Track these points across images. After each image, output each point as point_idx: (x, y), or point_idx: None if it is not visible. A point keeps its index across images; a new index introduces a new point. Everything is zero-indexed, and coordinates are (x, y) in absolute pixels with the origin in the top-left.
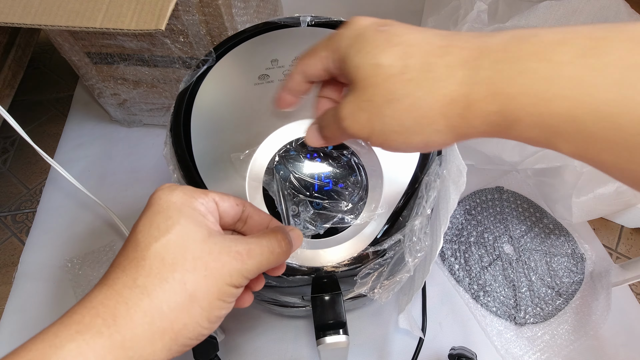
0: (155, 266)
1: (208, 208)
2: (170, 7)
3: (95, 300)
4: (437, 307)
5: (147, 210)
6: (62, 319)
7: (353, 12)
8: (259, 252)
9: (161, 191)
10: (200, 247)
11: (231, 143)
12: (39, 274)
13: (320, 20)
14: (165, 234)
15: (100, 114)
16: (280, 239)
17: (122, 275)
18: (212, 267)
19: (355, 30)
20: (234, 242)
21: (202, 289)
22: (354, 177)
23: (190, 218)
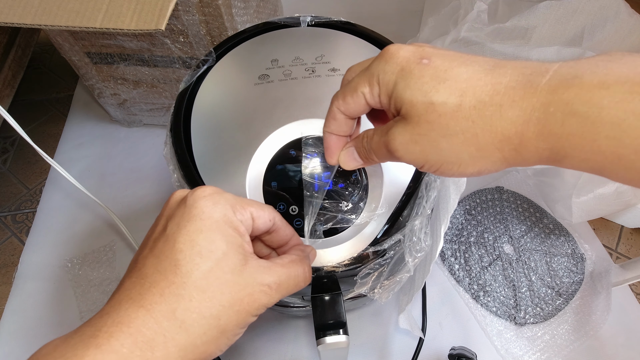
0: (195, 299)
1: (246, 226)
2: (170, 7)
3: (133, 324)
4: (437, 307)
5: (187, 222)
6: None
7: (353, 12)
8: (286, 286)
9: (204, 201)
10: (237, 280)
11: (231, 143)
12: (39, 274)
13: (320, 20)
14: (207, 261)
15: (100, 114)
16: (306, 270)
17: (161, 301)
18: (245, 303)
19: (397, 65)
20: (266, 273)
21: (232, 323)
22: (354, 177)
23: (231, 243)
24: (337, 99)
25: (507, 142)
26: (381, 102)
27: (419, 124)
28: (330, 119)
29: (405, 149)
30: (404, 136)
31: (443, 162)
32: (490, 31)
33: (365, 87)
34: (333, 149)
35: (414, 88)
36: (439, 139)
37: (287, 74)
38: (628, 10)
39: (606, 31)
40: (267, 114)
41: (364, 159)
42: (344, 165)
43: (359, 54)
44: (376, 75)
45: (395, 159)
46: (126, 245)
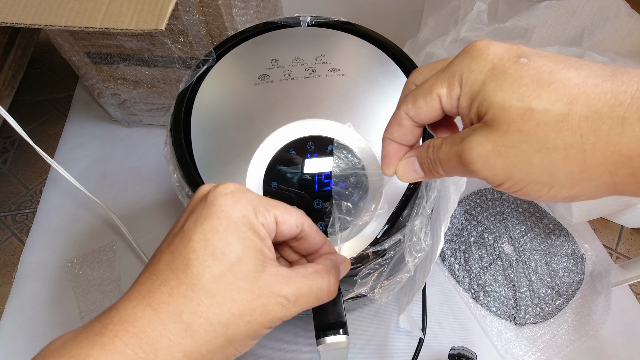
0: (203, 303)
1: (268, 229)
2: (170, 7)
3: (138, 324)
4: (437, 307)
5: (204, 219)
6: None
7: (353, 12)
8: (306, 299)
9: (223, 199)
10: (250, 287)
11: (231, 143)
12: (39, 274)
13: (320, 20)
14: (219, 264)
15: (100, 114)
16: (332, 283)
17: (169, 301)
18: (257, 314)
19: (487, 62)
20: (284, 283)
21: (241, 334)
22: (354, 177)
23: (248, 247)
24: (405, 103)
25: (624, 165)
26: (459, 107)
27: (508, 133)
28: (394, 125)
29: (485, 162)
30: (485, 146)
31: (530, 181)
32: (490, 31)
33: (442, 88)
34: (392, 158)
35: (508, 90)
36: (531, 152)
37: (287, 74)
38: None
39: (606, 31)
40: (267, 114)
41: (426, 171)
42: (402, 177)
43: (359, 54)
44: (458, 74)
45: (469, 173)
46: (126, 245)
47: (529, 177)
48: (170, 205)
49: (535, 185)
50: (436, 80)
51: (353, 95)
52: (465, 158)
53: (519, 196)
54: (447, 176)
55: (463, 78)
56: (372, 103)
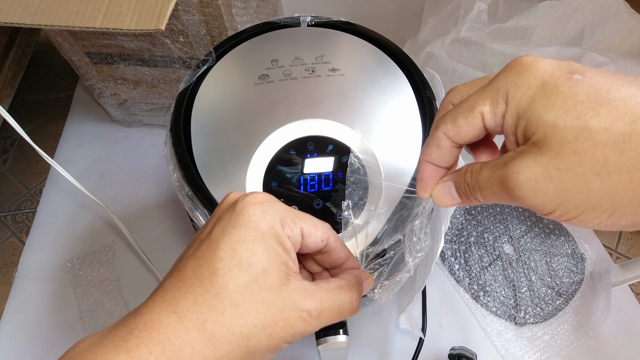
0: (227, 313)
1: (294, 242)
2: (170, 7)
3: (163, 331)
4: (437, 307)
5: (232, 228)
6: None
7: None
8: (328, 315)
9: (252, 209)
10: (274, 300)
11: (231, 143)
12: (39, 274)
13: (320, 20)
14: (245, 274)
15: (100, 114)
16: (354, 299)
17: (194, 309)
18: (279, 327)
19: (536, 78)
20: (307, 297)
21: (263, 346)
22: (354, 177)
23: (273, 259)
24: (444, 123)
25: None
26: (504, 125)
27: (562, 155)
28: (432, 146)
29: (534, 188)
30: (534, 170)
31: (587, 208)
32: (490, 31)
33: (485, 105)
34: (428, 182)
35: (562, 108)
36: (589, 176)
37: (287, 74)
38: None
39: (606, 31)
40: (267, 114)
41: (463, 196)
42: (438, 202)
43: (359, 54)
44: (503, 90)
45: (513, 200)
46: (126, 245)
47: (586, 204)
48: (170, 205)
49: (593, 212)
50: (478, 97)
51: (353, 95)
52: (511, 183)
53: (572, 224)
54: (487, 203)
55: (509, 94)
56: (372, 103)
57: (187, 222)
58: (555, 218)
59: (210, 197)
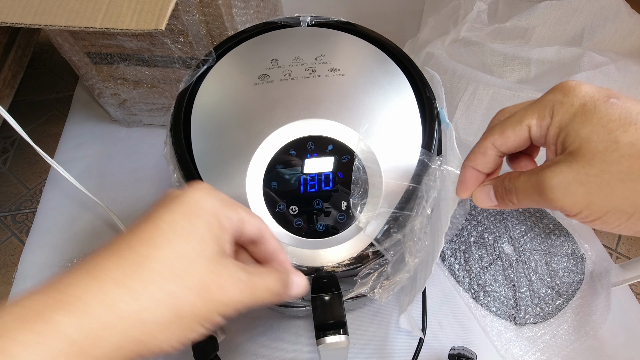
0: (156, 271)
1: (232, 225)
2: (170, 7)
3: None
4: (437, 307)
5: (174, 205)
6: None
7: (353, 12)
8: (260, 290)
9: (196, 192)
10: (208, 266)
11: (231, 143)
12: (39, 274)
13: (320, 20)
14: (182, 241)
15: (100, 114)
16: (284, 284)
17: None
18: (212, 292)
19: (579, 99)
20: (240, 271)
21: (193, 312)
22: (354, 177)
23: (212, 233)
24: (492, 134)
25: None
26: (547, 136)
27: (592, 163)
28: (477, 153)
29: (565, 190)
30: (567, 175)
31: (610, 210)
32: (490, 31)
33: (532, 119)
34: (469, 185)
35: (597, 124)
36: (614, 182)
37: (287, 74)
38: (628, 10)
39: (606, 31)
40: (267, 114)
41: (499, 199)
42: (477, 202)
43: (359, 54)
44: (550, 107)
45: (544, 201)
46: None
47: (609, 206)
48: None
49: (614, 214)
50: (526, 112)
51: (353, 95)
52: (545, 185)
53: (594, 226)
54: (519, 206)
55: (554, 110)
56: (372, 103)
57: None
58: (580, 219)
59: None
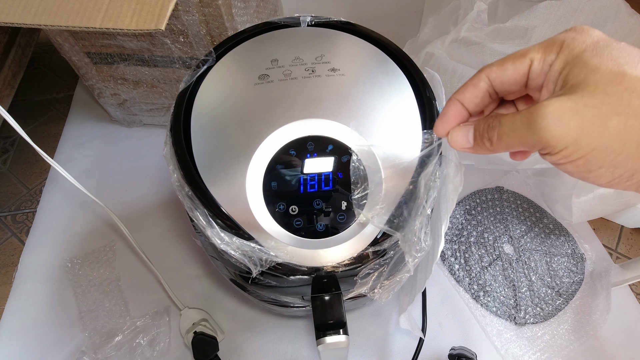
0: None
1: None
2: (170, 7)
3: None
4: (437, 307)
5: None
6: None
7: (353, 12)
8: None
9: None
10: None
11: (231, 143)
12: (39, 274)
13: (320, 20)
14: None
15: (100, 114)
16: None
17: None
18: None
19: (592, 37)
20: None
21: None
22: (354, 177)
23: None
24: (490, 66)
25: None
26: (549, 73)
27: (593, 94)
28: (468, 86)
29: (558, 118)
30: (564, 103)
31: (598, 146)
32: (490, 31)
33: (537, 53)
34: (450, 119)
35: (607, 57)
36: (610, 115)
37: (287, 74)
38: (628, 10)
39: (606, 31)
40: (267, 114)
41: (477, 139)
42: (452, 142)
43: (359, 54)
44: (560, 42)
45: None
46: (126, 245)
47: (598, 142)
48: (170, 205)
49: (601, 151)
50: (531, 47)
51: (353, 95)
52: (538, 113)
53: (574, 169)
54: (495, 147)
55: (564, 44)
56: (372, 103)
57: (187, 222)
58: (562, 158)
59: (210, 197)
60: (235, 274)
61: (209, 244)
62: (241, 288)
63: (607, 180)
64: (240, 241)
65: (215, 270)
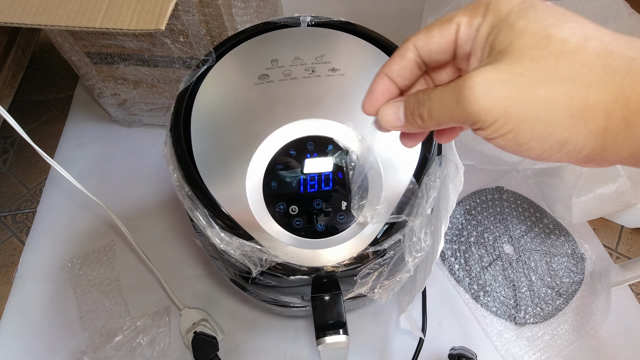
0: None
1: None
2: (170, 7)
3: None
4: (437, 307)
5: None
6: None
7: (353, 12)
8: None
9: None
10: None
11: (231, 143)
12: (39, 274)
13: (320, 20)
14: None
15: (100, 114)
16: None
17: None
18: None
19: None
20: None
21: None
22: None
23: None
24: (417, 34)
25: (622, 105)
26: (476, 37)
27: (520, 61)
28: (395, 57)
29: (486, 90)
30: (490, 73)
31: (527, 117)
32: None
33: (463, 17)
34: (377, 95)
35: (532, 19)
36: (539, 82)
37: (287, 74)
38: (628, 10)
39: None
40: (267, 114)
41: (408, 115)
42: (383, 121)
43: (359, 54)
44: (485, 4)
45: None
46: (126, 245)
47: (527, 113)
48: (170, 205)
49: (530, 123)
50: (458, 11)
51: (353, 95)
52: (464, 86)
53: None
54: (427, 124)
55: (490, 6)
56: None
57: (187, 222)
58: (493, 133)
59: (210, 197)
60: (235, 274)
61: (209, 244)
62: (241, 288)
63: (538, 153)
64: (240, 241)
65: (215, 270)
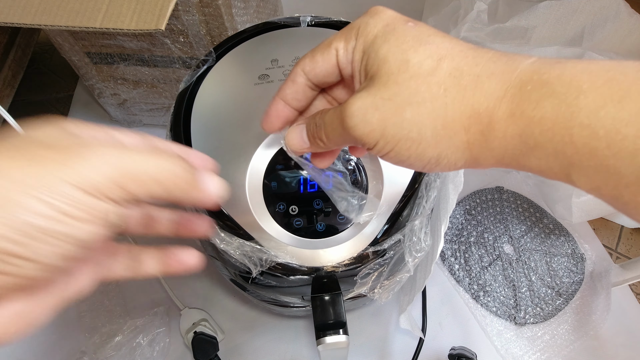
0: None
1: None
2: (170, 7)
3: None
4: (437, 307)
5: None
6: None
7: (353, 12)
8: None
9: None
10: None
11: (231, 143)
12: None
13: (320, 20)
14: None
15: (100, 114)
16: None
17: None
18: None
19: (382, 20)
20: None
21: None
22: (354, 177)
23: None
24: (303, 59)
25: (475, 120)
26: (353, 61)
27: (387, 86)
28: (288, 82)
29: (363, 116)
30: (365, 100)
31: (401, 137)
32: (490, 31)
33: (340, 42)
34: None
35: (394, 44)
36: (404, 106)
37: (287, 74)
38: (628, 10)
39: (606, 31)
40: None
41: (311, 138)
42: (289, 145)
43: None
44: (356, 28)
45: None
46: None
47: (401, 133)
48: (170, 205)
49: (405, 142)
50: (336, 36)
51: None
52: (346, 113)
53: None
54: (329, 145)
55: (360, 31)
56: None
57: None
58: (378, 152)
59: None
60: (235, 274)
61: (209, 244)
62: (241, 288)
63: (420, 167)
64: (240, 241)
65: (215, 270)
